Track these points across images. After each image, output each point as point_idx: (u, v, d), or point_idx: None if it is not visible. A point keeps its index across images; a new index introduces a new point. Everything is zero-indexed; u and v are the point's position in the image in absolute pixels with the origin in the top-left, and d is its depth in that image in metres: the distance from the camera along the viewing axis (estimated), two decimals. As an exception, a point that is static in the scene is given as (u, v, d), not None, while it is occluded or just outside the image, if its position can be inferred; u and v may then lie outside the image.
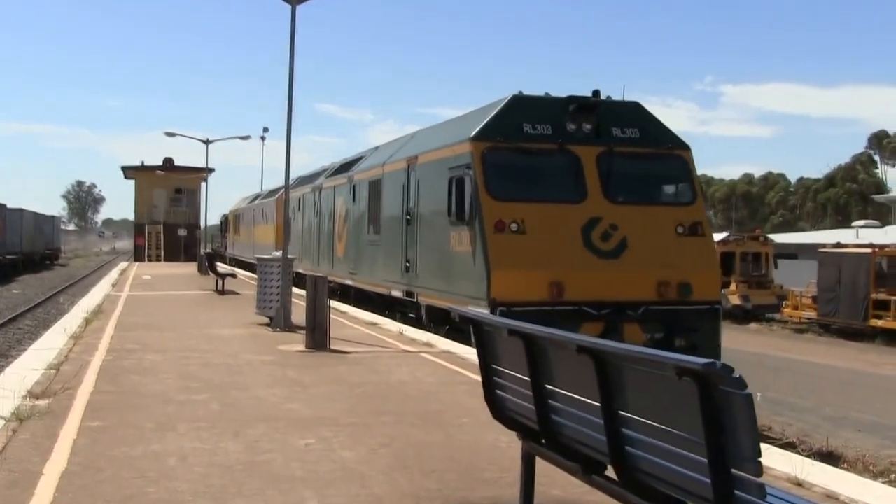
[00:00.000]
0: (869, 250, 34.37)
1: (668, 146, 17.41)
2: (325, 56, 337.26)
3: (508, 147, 16.62)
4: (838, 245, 38.03)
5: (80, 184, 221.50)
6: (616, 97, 17.83)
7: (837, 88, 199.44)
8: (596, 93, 17.52)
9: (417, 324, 19.06)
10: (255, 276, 39.73)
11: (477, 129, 16.86)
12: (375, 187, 23.42)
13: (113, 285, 33.35)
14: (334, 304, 20.02)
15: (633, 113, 17.62)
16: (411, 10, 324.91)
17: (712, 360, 3.34)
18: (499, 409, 5.64)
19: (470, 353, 14.67)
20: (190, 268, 47.61)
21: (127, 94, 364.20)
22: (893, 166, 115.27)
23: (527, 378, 4.98)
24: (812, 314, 36.58)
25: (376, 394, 10.60)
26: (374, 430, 8.49)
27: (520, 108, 17.16)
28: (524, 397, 5.13)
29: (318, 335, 14.76)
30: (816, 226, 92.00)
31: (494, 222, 15.90)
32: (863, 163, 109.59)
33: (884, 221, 65.30)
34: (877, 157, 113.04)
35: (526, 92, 17.49)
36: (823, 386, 21.92)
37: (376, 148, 27.34)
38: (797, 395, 20.12)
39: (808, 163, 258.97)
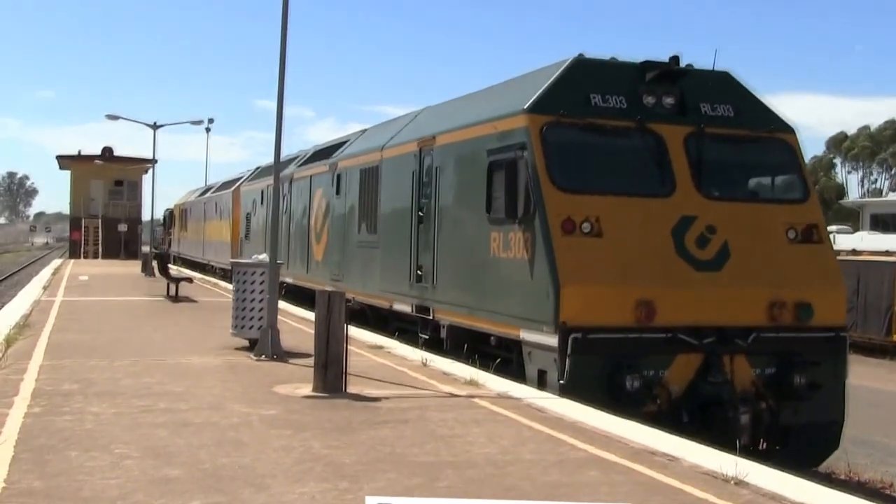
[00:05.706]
0: (893, 259, 30.91)
1: (770, 128, 13.65)
2: (264, 51, 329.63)
3: (575, 123, 12.70)
4: (854, 252, 34.65)
5: (11, 175, 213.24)
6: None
7: (774, 96, 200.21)
8: (675, 58, 13.66)
9: (433, 347, 15.03)
10: (206, 277, 34.85)
11: (533, 98, 12.89)
12: (370, 176, 19.29)
13: (44, 288, 28.71)
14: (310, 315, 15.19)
15: (725, 85, 13.83)
16: (351, 7, 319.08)
17: None
18: None
19: (539, 399, 10.69)
20: (132, 267, 42.80)
21: (60, 86, 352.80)
22: (850, 172, 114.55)
23: None
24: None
25: (474, 491, 6.57)
26: None
27: (584, 74, 13.28)
28: None
29: (331, 374, 10.63)
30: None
31: (562, 221, 11.94)
32: (823, 166, 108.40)
33: (848, 226, 62.73)
34: (837, 161, 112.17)
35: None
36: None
37: (363, 131, 23.13)
38: (870, 430, 16.31)
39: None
